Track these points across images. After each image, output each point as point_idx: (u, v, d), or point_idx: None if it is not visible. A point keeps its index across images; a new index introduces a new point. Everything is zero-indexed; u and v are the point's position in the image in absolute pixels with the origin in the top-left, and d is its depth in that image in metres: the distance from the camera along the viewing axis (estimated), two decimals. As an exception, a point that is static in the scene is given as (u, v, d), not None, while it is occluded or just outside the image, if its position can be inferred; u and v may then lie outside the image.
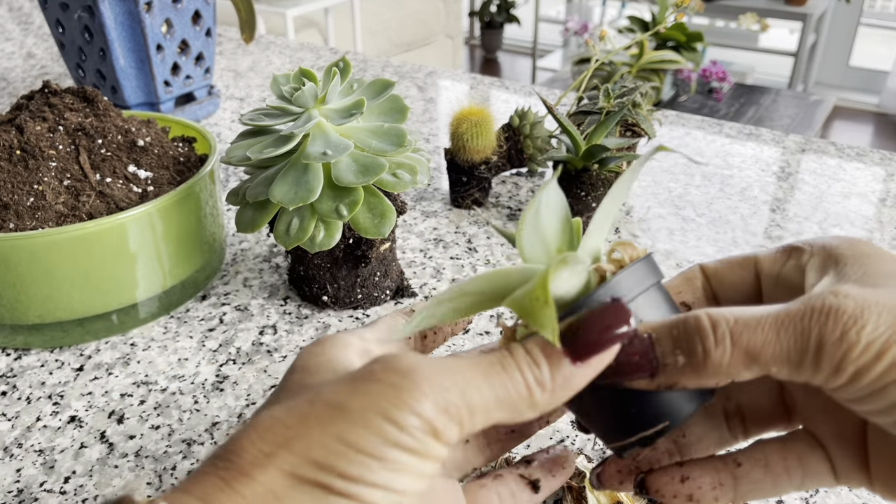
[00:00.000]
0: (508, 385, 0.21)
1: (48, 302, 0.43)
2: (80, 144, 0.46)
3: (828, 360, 0.21)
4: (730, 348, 0.22)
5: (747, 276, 0.27)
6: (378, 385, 0.20)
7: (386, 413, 0.20)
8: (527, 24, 3.69)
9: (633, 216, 0.62)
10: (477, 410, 0.21)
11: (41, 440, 0.39)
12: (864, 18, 3.07)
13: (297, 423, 0.20)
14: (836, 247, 0.25)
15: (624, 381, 0.23)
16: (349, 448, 0.19)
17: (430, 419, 0.20)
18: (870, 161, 0.73)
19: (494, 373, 0.21)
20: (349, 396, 0.20)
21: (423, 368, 0.21)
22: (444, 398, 0.20)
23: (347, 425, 0.20)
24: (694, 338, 0.22)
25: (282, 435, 0.20)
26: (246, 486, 0.19)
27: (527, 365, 0.21)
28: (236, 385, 0.43)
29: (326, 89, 0.43)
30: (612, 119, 0.54)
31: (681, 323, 0.23)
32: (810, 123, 1.97)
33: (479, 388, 0.21)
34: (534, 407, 0.21)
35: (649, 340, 0.23)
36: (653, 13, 0.80)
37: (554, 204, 0.25)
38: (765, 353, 0.21)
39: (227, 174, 0.69)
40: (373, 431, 0.20)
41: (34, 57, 1.03)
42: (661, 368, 0.23)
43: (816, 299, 0.22)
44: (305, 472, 0.19)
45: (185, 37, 0.75)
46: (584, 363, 0.22)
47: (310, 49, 1.07)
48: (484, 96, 0.90)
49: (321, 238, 0.43)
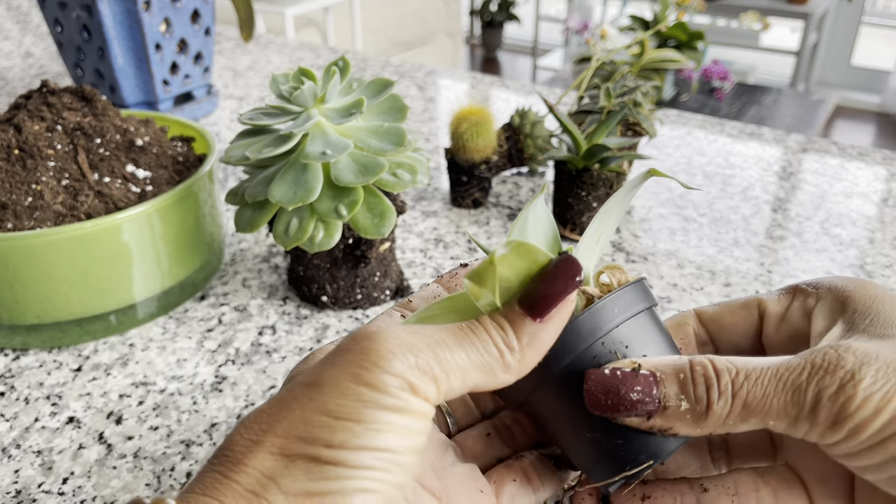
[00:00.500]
0: (479, 347, 0.22)
1: (46, 302, 0.43)
2: (78, 144, 0.46)
3: (824, 415, 0.21)
4: (730, 401, 0.21)
5: (749, 317, 0.27)
6: (347, 353, 0.21)
7: (358, 376, 0.20)
8: (527, 22, 3.68)
9: (635, 216, 0.62)
10: (451, 369, 0.21)
11: (39, 441, 0.39)
12: (865, 17, 3.07)
13: (278, 409, 0.21)
14: (844, 289, 0.24)
15: (619, 417, 0.23)
16: (329, 417, 0.20)
17: (404, 374, 0.20)
18: (872, 161, 0.73)
19: (464, 336, 0.22)
20: (322, 371, 0.21)
21: (390, 331, 0.21)
22: (413, 356, 0.21)
23: (324, 397, 0.20)
24: (700, 385, 0.22)
25: (265, 422, 0.20)
26: (239, 473, 0.20)
27: (494, 329, 0.22)
28: (235, 386, 0.43)
29: (326, 88, 0.43)
30: (613, 118, 0.54)
31: (687, 367, 0.22)
32: (812, 123, 1.96)
33: (449, 348, 0.21)
34: (507, 369, 0.22)
35: (653, 379, 0.22)
36: (654, 12, 0.80)
37: (541, 220, 0.25)
38: (762, 407, 0.21)
39: (226, 174, 0.69)
40: (348, 397, 0.20)
41: (32, 56, 1.03)
42: (661, 410, 0.22)
43: (817, 354, 0.22)
44: (292, 448, 0.20)
45: (183, 36, 0.74)
46: (544, 319, 0.22)
47: (309, 48, 1.07)
48: (484, 95, 0.90)
49: (320, 238, 0.43)
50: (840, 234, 0.60)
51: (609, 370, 0.23)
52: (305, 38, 2.24)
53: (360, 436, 0.20)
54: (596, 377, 0.23)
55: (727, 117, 1.83)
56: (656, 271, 0.54)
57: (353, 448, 0.20)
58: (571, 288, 0.22)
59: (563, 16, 3.58)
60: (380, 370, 0.20)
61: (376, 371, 0.20)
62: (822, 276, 0.27)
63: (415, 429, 0.21)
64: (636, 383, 0.22)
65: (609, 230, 0.26)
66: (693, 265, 0.55)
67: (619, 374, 0.23)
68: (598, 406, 0.23)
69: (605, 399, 0.22)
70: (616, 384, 0.22)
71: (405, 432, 0.20)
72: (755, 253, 0.57)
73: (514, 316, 0.22)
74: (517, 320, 0.22)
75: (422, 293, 0.28)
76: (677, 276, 0.53)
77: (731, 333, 0.27)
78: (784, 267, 0.55)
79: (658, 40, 0.81)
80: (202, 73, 0.79)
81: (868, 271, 0.55)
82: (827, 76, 3.17)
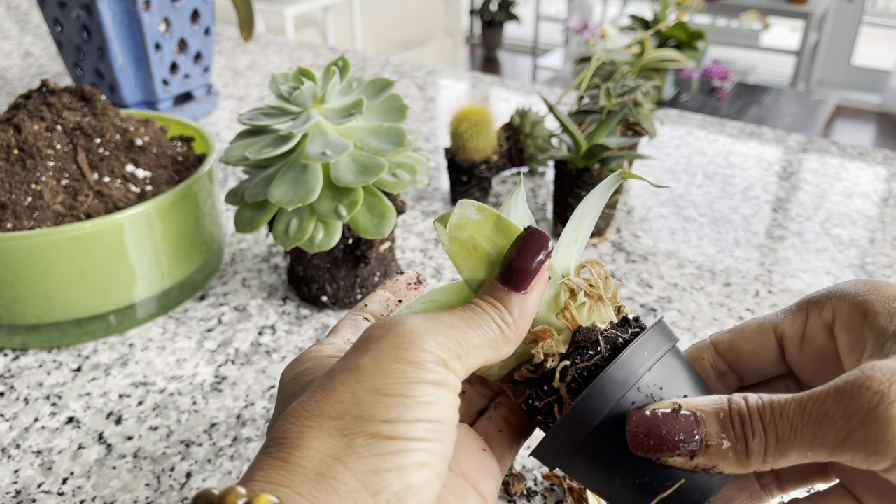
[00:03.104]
0: (483, 326, 0.24)
1: (46, 302, 0.43)
2: (78, 144, 0.46)
3: (860, 443, 0.20)
4: (764, 437, 0.21)
5: (766, 343, 0.26)
6: (380, 341, 0.22)
7: (397, 356, 0.21)
8: (527, 22, 3.68)
9: (635, 216, 0.62)
10: (468, 348, 0.23)
11: (39, 441, 0.39)
12: (866, 17, 3.07)
13: (325, 395, 0.21)
14: (858, 294, 0.24)
15: (663, 457, 0.23)
16: (381, 395, 0.21)
17: (437, 352, 0.22)
18: (872, 160, 0.73)
19: (469, 317, 0.24)
20: (359, 359, 0.22)
21: (410, 318, 0.23)
22: (437, 338, 0.22)
23: (370, 378, 0.21)
24: (738, 424, 0.22)
25: (317, 408, 0.21)
26: (301, 457, 0.20)
27: (490, 308, 0.24)
28: (235, 386, 0.43)
29: (325, 89, 0.43)
30: (614, 118, 0.54)
31: (726, 406, 0.22)
32: (812, 123, 1.96)
33: (461, 329, 0.23)
34: (508, 341, 0.24)
35: (694, 419, 0.22)
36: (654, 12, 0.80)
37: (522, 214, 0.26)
38: (794, 441, 0.21)
39: (226, 173, 0.69)
40: (394, 376, 0.21)
41: (32, 56, 1.03)
42: (703, 450, 0.22)
43: (843, 378, 0.21)
44: (351, 427, 0.20)
45: (183, 35, 0.74)
46: (527, 291, 0.24)
47: (309, 48, 1.07)
48: (484, 95, 0.90)
49: (320, 238, 0.43)
50: (840, 234, 0.59)
51: (650, 411, 0.23)
52: (305, 37, 2.24)
53: (413, 408, 0.21)
54: (637, 419, 0.23)
55: (727, 117, 1.83)
56: (656, 271, 0.54)
57: (408, 421, 0.21)
58: (545, 258, 0.24)
59: (564, 15, 3.58)
60: (417, 348, 0.21)
61: (413, 350, 0.21)
62: (830, 285, 0.26)
63: (452, 402, 0.22)
64: (677, 423, 0.22)
65: (587, 229, 0.27)
66: (693, 265, 0.55)
67: (661, 415, 0.23)
68: (641, 447, 0.23)
69: (648, 440, 0.23)
70: (658, 424, 0.23)
71: (447, 405, 0.22)
72: (755, 253, 0.57)
73: (501, 293, 0.24)
74: (504, 297, 0.24)
75: (374, 297, 0.30)
76: (677, 276, 0.53)
77: (751, 361, 0.27)
78: (784, 267, 0.55)
79: (658, 40, 0.81)
80: (202, 72, 0.79)
81: (868, 271, 0.55)
82: (827, 76, 3.17)
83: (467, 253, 0.25)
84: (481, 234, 0.25)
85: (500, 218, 0.25)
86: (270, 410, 0.41)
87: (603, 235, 0.58)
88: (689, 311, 0.50)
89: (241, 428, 0.40)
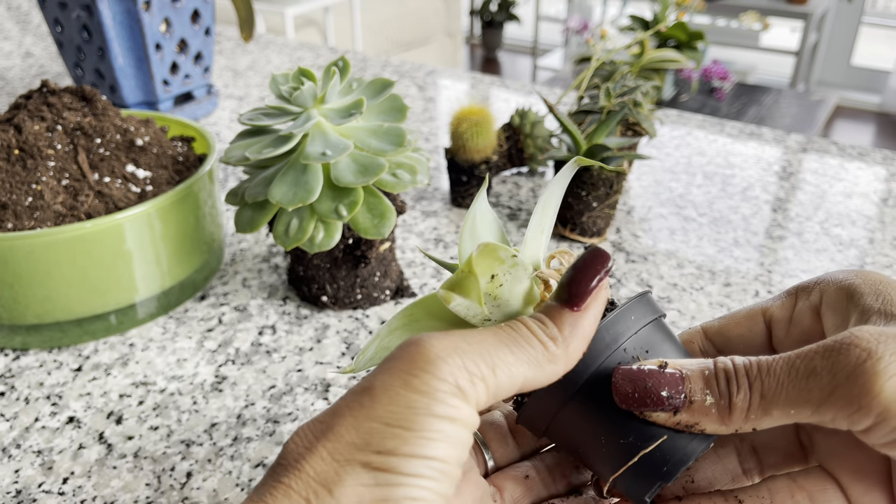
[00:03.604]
0: (522, 342, 0.22)
1: (46, 302, 0.43)
2: (78, 144, 0.46)
3: (846, 398, 0.20)
4: (748, 393, 0.22)
5: (755, 327, 0.27)
6: (396, 361, 0.21)
7: (408, 383, 0.20)
8: (527, 22, 3.68)
9: (634, 216, 0.62)
10: (497, 365, 0.21)
11: (39, 441, 0.39)
12: (865, 17, 3.07)
13: (330, 417, 0.21)
14: (846, 280, 0.24)
15: (646, 411, 0.23)
16: (380, 423, 0.20)
17: (453, 379, 0.20)
18: (872, 161, 0.73)
19: (505, 335, 0.22)
20: (372, 379, 0.21)
21: (436, 337, 0.21)
22: (460, 358, 0.21)
23: (375, 404, 0.20)
24: (723, 381, 0.22)
25: (318, 430, 0.21)
26: (293, 478, 0.20)
27: (534, 324, 0.23)
28: (235, 386, 0.43)
29: (325, 89, 0.43)
30: (614, 118, 0.54)
31: (711, 365, 0.23)
32: (812, 123, 1.96)
33: (493, 346, 0.22)
34: (554, 359, 0.22)
35: (679, 375, 0.23)
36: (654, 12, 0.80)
37: (487, 216, 0.27)
38: (780, 397, 0.21)
39: (226, 173, 0.69)
40: (399, 403, 0.20)
41: (32, 56, 1.03)
42: (687, 405, 0.23)
43: (832, 338, 0.21)
44: (344, 454, 0.20)
45: (183, 36, 0.74)
46: (582, 309, 0.23)
47: (309, 48, 1.07)
48: (484, 95, 0.90)
49: (320, 239, 0.43)
50: (840, 234, 0.60)
51: (636, 366, 0.24)
52: (305, 37, 2.24)
53: (411, 443, 0.20)
54: (623, 372, 0.23)
55: (727, 117, 1.83)
56: (656, 271, 0.54)
57: (403, 455, 0.20)
58: (604, 275, 0.23)
59: (563, 16, 3.58)
60: (429, 375, 0.20)
61: (425, 376, 0.20)
62: (823, 273, 0.26)
63: (461, 439, 0.21)
64: (662, 378, 0.23)
65: (550, 220, 0.27)
66: (693, 265, 0.55)
67: (647, 370, 0.23)
68: (625, 400, 0.23)
69: (633, 392, 0.23)
70: (643, 378, 0.23)
71: (454, 442, 0.20)
72: (755, 253, 0.57)
73: (552, 310, 0.23)
74: (556, 313, 0.23)
75: None
76: (677, 276, 0.54)
77: (739, 345, 0.27)
78: (784, 267, 0.55)
79: (658, 40, 0.81)
80: (202, 72, 0.79)
81: (868, 271, 0.55)
82: (827, 76, 3.17)
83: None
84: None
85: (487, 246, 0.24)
86: (271, 410, 0.41)
87: (603, 235, 0.58)
88: (688, 310, 0.50)
89: (241, 428, 0.40)
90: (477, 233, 0.27)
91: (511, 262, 0.24)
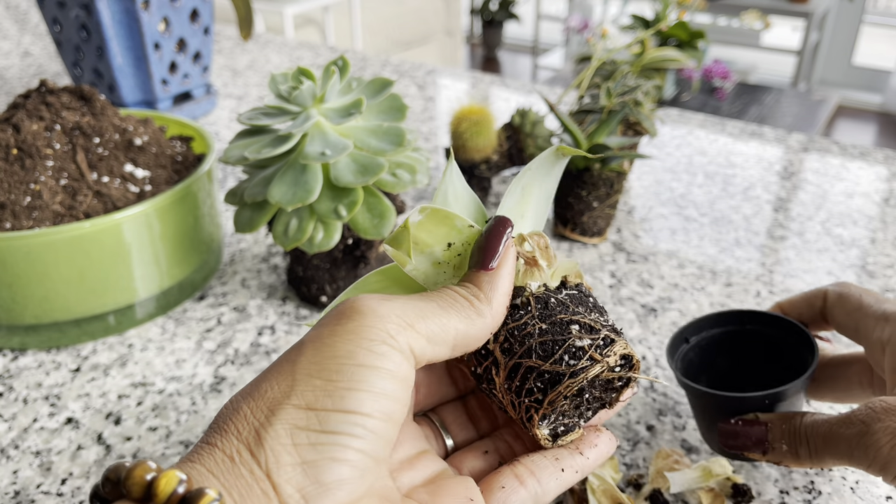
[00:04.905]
0: (450, 301, 0.24)
1: (45, 302, 0.43)
2: (77, 143, 0.46)
3: (859, 461, 0.27)
4: (807, 447, 0.30)
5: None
6: (328, 316, 0.22)
7: (334, 332, 0.21)
8: (527, 21, 3.68)
9: (635, 216, 0.62)
10: (428, 316, 0.22)
11: (38, 441, 0.39)
12: (867, 16, 3.06)
13: (259, 377, 0.22)
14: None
15: (744, 453, 0.32)
16: (303, 376, 0.20)
17: (381, 325, 0.21)
18: (873, 160, 0.73)
19: (435, 296, 0.24)
20: (304, 337, 0.22)
21: (368, 296, 0.23)
22: (390, 310, 0.22)
23: (300, 357, 0.21)
24: (791, 434, 0.30)
25: (245, 391, 0.22)
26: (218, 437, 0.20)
27: (459, 288, 0.25)
28: (234, 386, 0.42)
29: (325, 88, 0.43)
30: (614, 118, 0.54)
31: (787, 421, 0.31)
32: (813, 122, 1.96)
33: (424, 303, 0.23)
34: (480, 312, 0.24)
35: (765, 428, 0.31)
36: (655, 11, 0.79)
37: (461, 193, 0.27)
38: (824, 454, 0.29)
39: (225, 173, 0.69)
40: (324, 354, 0.21)
41: (31, 55, 1.03)
42: (770, 450, 0.31)
43: (859, 407, 0.28)
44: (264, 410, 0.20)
45: (182, 35, 0.74)
46: (495, 267, 0.25)
47: (308, 47, 1.07)
48: (484, 95, 0.90)
49: (320, 239, 0.43)
50: (841, 234, 0.59)
51: (734, 419, 0.32)
52: (305, 37, 2.24)
53: (334, 396, 0.20)
54: (722, 426, 0.32)
55: (728, 117, 1.83)
56: (657, 271, 0.54)
57: (323, 409, 0.20)
58: (508, 237, 0.25)
59: (564, 15, 3.58)
60: (356, 324, 0.21)
61: (352, 325, 0.21)
62: None
63: (393, 392, 0.20)
64: (751, 431, 0.31)
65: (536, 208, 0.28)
66: (694, 265, 0.55)
67: (741, 424, 0.32)
68: (727, 446, 0.32)
69: (730, 440, 0.32)
70: (736, 432, 0.32)
71: (383, 394, 0.20)
72: (756, 253, 0.57)
73: (471, 275, 0.25)
74: (474, 277, 0.25)
75: None
76: (678, 276, 0.53)
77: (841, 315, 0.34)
78: (785, 267, 0.55)
79: (659, 39, 0.81)
80: (201, 72, 0.79)
81: (869, 271, 0.54)
82: (828, 75, 3.17)
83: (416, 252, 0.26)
84: (424, 230, 0.25)
85: (436, 210, 0.25)
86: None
87: (603, 235, 0.58)
88: (689, 311, 0.49)
89: (240, 429, 0.39)
90: (448, 206, 0.27)
91: (469, 233, 0.26)
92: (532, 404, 0.24)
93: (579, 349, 0.24)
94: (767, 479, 0.36)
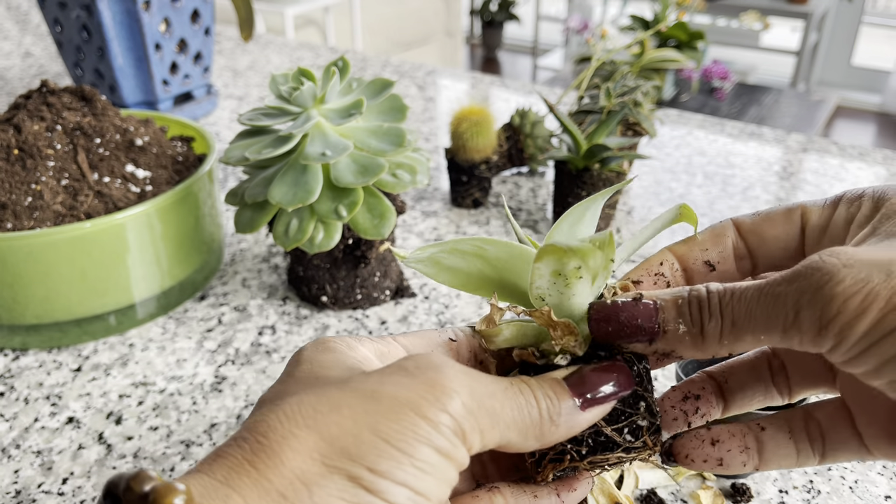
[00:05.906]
0: (524, 407, 0.21)
1: (46, 302, 0.43)
2: (78, 144, 0.46)
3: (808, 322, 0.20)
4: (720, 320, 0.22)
5: (791, 230, 0.26)
6: (411, 379, 0.20)
7: (418, 408, 0.20)
8: (527, 22, 3.68)
9: (635, 216, 0.62)
10: (497, 422, 0.21)
11: (39, 441, 0.39)
12: (866, 17, 3.07)
13: (329, 410, 0.20)
14: (884, 193, 0.23)
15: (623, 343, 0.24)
16: (381, 440, 0.19)
17: (460, 419, 0.20)
18: (872, 160, 0.73)
19: (514, 392, 0.22)
20: (382, 388, 0.20)
21: (454, 368, 0.21)
22: (471, 400, 0.20)
23: (380, 417, 0.19)
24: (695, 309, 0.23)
25: (312, 418, 0.19)
26: (273, 469, 0.18)
27: (542, 395, 0.22)
28: (235, 386, 0.43)
29: (325, 89, 0.43)
30: (614, 118, 0.54)
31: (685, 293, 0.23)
32: (812, 123, 1.96)
33: (499, 399, 0.21)
34: (541, 437, 0.22)
35: (654, 306, 0.23)
36: (654, 12, 0.80)
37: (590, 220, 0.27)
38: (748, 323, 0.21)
39: (226, 174, 0.69)
40: (405, 426, 0.19)
41: (32, 56, 1.03)
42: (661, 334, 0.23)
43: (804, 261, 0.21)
44: (335, 460, 0.19)
45: (183, 35, 0.74)
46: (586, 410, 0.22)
47: (309, 48, 1.07)
48: (484, 95, 0.90)
49: (320, 239, 0.43)
50: None
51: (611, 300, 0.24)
52: (305, 37, 2.24)
53: (406, 470, 0.19)
54: (598, 307, 0.24)
55: (727, 117, 1.83)
56: (656, 271, 0.54)
57: (394, 481, 0.19)
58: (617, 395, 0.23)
59: (564, 15, 3.58)
60: (441, 408, 0.20)
61: (438, 407, 0.20)
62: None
63: (450, 479, 0.20)
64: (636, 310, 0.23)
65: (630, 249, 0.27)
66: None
67: (621, 303, 0.23)
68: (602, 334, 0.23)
69: (607, 326, 0.23)
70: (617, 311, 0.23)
71: (442, 480, 0.20)
72: (755, 253, 0.57)
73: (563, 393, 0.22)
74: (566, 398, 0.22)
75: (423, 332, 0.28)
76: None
77: (771, 247, 0.26)
78: (784, 267, 0.55)
79: (658, 40, 0.81)
80: (202, 72, 0.79)
81: (868, 271, 0.55)
82: (827, 76, 3.17)
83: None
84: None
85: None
86: (270, 410, 0.41)
87: (603, 235, 0.58)
88: (689, 311, 0.50)
89: (241, 428, 0.40)
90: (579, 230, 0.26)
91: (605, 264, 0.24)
92: (571, 452, 0.23)
93: (639, 428, 0.23)
94: (766, 479, 0.36)
